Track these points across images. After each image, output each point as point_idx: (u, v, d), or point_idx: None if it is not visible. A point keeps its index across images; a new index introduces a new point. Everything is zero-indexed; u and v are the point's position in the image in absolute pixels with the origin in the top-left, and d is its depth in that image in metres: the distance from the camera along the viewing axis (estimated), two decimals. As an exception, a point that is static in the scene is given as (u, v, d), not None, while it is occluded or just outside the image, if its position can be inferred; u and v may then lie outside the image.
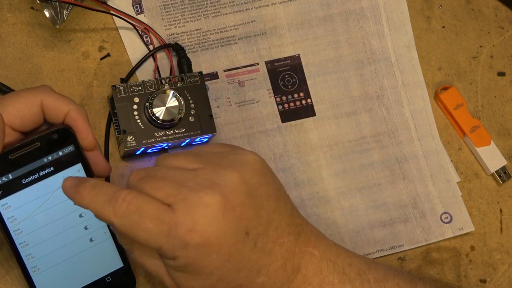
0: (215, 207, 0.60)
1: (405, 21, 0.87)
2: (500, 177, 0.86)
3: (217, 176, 0.62)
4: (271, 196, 0.64)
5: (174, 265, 0.62)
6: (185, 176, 0.62)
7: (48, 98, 0.67)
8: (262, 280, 0.63)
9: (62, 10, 0.77)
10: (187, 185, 0.61)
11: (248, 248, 0.62)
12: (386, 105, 0.85)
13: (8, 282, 0.73)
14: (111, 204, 0.60)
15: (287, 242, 0.64)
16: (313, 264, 0.66)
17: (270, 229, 0.63)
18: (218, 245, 0.61)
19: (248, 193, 0.62)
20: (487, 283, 0.83)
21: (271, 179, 0.65)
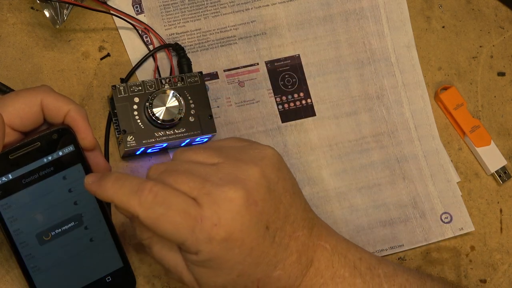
0: (239, 202, 0.61)
1: (405, 21, 0.87)
2: (500, 177, 0.86)
3: (239, 170, 0.62)
4: (288, 190, 0.65)
5: (196, 260, 0.62)
6: (207, 171, 0.62)
7: (48, 98, 0.67)
8: (278, 274, 0.64)
9: (62, 10, 0.77)
10: (210, 179, 0.61)
11: (267, 242, 0.63)
12: (386, 105, 0.85)
13: (8, 282, 0.73)
14: (137, 195, 0.60)
15: (301, 236, 0.65)
16: (325, 257, 0.66)
17: (287, 224, 0.64)
18: (241, 239, 0.61)
19: (268, 187, 0.63)
20: (487, 283, 0.83)
21: (287, 173, 0.66)
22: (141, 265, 0.76)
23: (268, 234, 0.63)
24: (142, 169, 0.78)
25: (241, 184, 0.61)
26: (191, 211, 0.60)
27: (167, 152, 0.79)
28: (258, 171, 0.62)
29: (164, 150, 0.79)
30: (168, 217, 0.60)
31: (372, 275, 0.67)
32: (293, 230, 0.65)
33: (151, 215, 0.60)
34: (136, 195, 0.60)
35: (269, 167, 0.64)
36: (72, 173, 0.69)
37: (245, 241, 0.61)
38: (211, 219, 0.60)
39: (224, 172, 0.62)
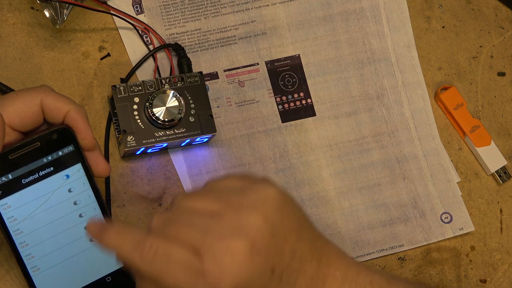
0: (242, 253, 0.60)
1: (405, 21, 0.87)
2: (500, 177, 0.86)
3: (240, 220, 0.61)
4: (293, 228, 0.64)
5: None
6: (209, 222, 0.61)
7: (48, 98, 0.67)
8: None
9: (62, 10, 0.77)
10: (211, 231, 0.60)
11: (274, 284, 0.62)
12: (386, 105, 0.85)
13: (8, 282, 0.73)
14: (138, 251, 0.60)
15: (309, 270, 0.64)
16: (335, 286, 0.65)
17: (294, 261, 0.63)
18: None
19: (272, 232, 0.62)
20: (487, 283, 0.83)
21: (291, 210, 0.64)
22: (141, 265, 0.76)
23: (274, 276, 0.62)
24: (142, 169, 0.78)
25: (243, 235, 0.60)
26: (193, 265, 0.60)
27: (167, 152, 0.79)
28: (260, 218, 0.61)
29: (164, 150, 0.79)
30: (169, 272, 0.60)
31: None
32: (301, 265, 0.64)
33: (153, 270, 0.60)
34: (137, 250, 0.60)
35: (272, 210, 0.62)
36: (72, 173, 0.69)
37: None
38: (213, 273, 0.59)
39: (225, 222, 0.61)
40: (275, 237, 0.62)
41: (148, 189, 0.78)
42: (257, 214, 0.62)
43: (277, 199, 0.63)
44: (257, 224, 0.61)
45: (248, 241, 0.60)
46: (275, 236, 0.62)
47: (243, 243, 0.60)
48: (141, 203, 0.78)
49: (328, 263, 0.66)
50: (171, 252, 0.60)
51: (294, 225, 0.64)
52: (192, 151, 0.80)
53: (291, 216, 0.64)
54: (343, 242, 0.81)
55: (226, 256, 0.60)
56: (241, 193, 0.63)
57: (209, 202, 0.63)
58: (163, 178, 0.79)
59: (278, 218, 0.63)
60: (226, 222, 0.61)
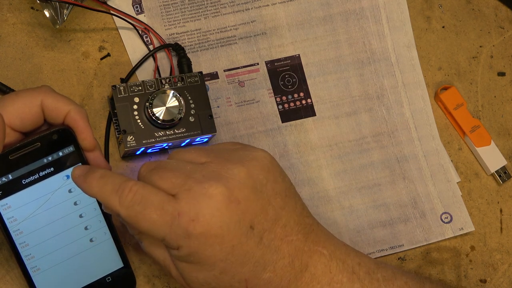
0: (218, 198, 0.61)
1: (405, 21, 0.87)
2: (500, 177, 0.86)
3: (224, 169, 0.63)
4: (278, 193, 0.65)
5: (178, 255, 0.63)
6: (193, 169, 0.63)
7: (48, 99, 0.67)
8: (268, 276, 0.64)
9: (62, 10, 0.77)
10: (193, 176, 0.62)
11: (252, 242, 0.63)
12: (386, 105, 0.85)
13: (8, 282, 0.73)
14: (117, 194, 0.62)
15: (295, 240, 0.65)
16: (322, 263, 0.66)
17: (278, 226, 0.64)
18: (220, 236, 0.61)
19: (254, 188, 0.63)
20: (487, 283, 0.83)
21: (279, 177, 0.66)
22: (141, 265, 0.76)
23: (253, 234, 0.63)
24: (142, 169, 0.78)
25: (223, 181, 0.62)
26: (168, 207, 0.61)
27: (167, 152, 0.79)
28: (243, 170, 0.63)
29: (164, 150, 0.79)
30: (145, 215, 0.61)
31: (371, 280, 0.67)
32: (285, 233, 0.65)
33: (130, 214, 0.62)
34: (117, 194, 0.62)
35: (258, 168, 0.64)
36: (72, 174, 0.69)
37: (225, 238, 0.62)
38: (188, 214, 0.61)
39: (209, 170, 0.63)
40: (257, 194, 0.63)
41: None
42: (241, 167, 0.63)
43: (264, 161, 0.65)
44: (239, 175, 0.63)
45: (226, 188, 0.62)
46: (258, 193, 0.63)
47: (221, 189, 0.62)
48: (141, 203, 0.78)
49: (316, 241, 0.67)
50: (148, 195, 0.62)
51: (280, 191, 0.65)
52: (192, 151, 0.80)
53: (278, 182, 0.65)
54: (343, 242, 0.81)
55: (203, 198, 0.61)
56: (232, 151, 0.66)
57: (199, 155, 0.65)
58: (163, 178, 0.79)
59: (263, 178, 0.64)
60: (209, 169, 0.63)
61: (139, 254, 0.76)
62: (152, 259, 0.67)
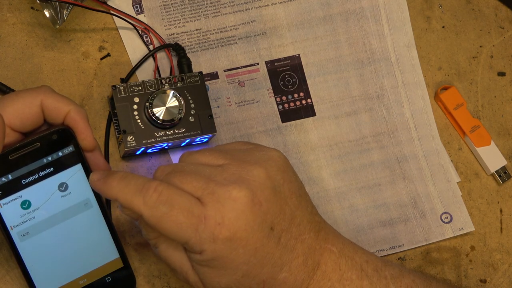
0: (243, 201, 0.61)
1: (405, 21, 0.87)
2: (500, 177, 0.86)
3: (244, 171, 0.63)
4: (294, 192, 0.65)
5: (200, 260, 0.62)
6: (213, 171, 0.63)
7: (48, 99, 0.67)
8: (284, 276, 0.64)
9: (62, 10, 0.77)
10: (215, 179, 0.62)
11: (272, 243, 0.63)
12: (386, 105, 0.85)
13: (8, 282, 0.73)
14: (141, 194, 0.61)
15: (308, 239, 0.65)
16: (332, 260, 0.67)
17: (293, 226, 0.64)
18: (245, 239, 0.61)
19: (274, 188, 0.63)
20: (487, 283, 0.83)
21: (293, 176, 0.66)
22: (141, 265, 0.76)
23: (273, 235, 0.63)
24: (142, 169, 0.78)
25: (245, 184, 0.62)
26: (195, 210, 0.61)
27: (167, 152, 0.79)
28: (263, 171, 0.63)
29: (164, 150, 0.79)
30: (172, 216, 0.61)
31: (379, 277, 0.68)
32: (299, 232, 0.65)
33: (155, 214, 0.61)
34: (140, 194, 0.61)
35: (274, 168, 0.64)
36: (72, 174, 0.69)
37: (249, 241, 0.62)
38: (214, 218, 0.60)
39: (230, 172, 0.62)
40: (276, 195, 0.63)
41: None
42: (260, 168, 0.63)
43: (280, 161, 0.65)
44: (260, 177, 0.63)
45: (250, 190, 0.62)
46: (277, 194, 0.63)
47: (244, 192, 0.61)
48: (141, 203, 0.78)
49: (325, 238, 0.67)
50: (174, 197, 0.61)
51: (295, 190, 0.65)
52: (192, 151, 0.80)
53: (292, 181, 0.65)
54: (343, 242, 0.81)
55: (228, 202, 0.61)
56: (247, 152, 0.65)
57: (215, 157, 0.65)
58: (163, 178, 0.79)
59: (280, 178, 0.64)
60: (230, 172, 0.63)
61: (139, 254, 0.76)
62: (167, 264, 0.65)
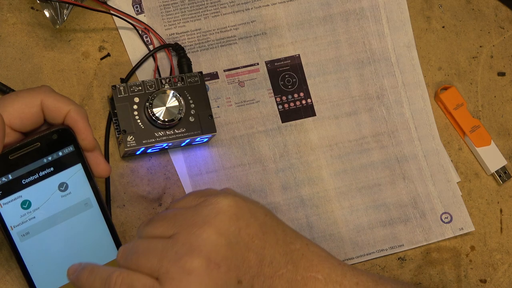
0: (198, 271, 0.60)
1: (405, 21, 0.87)
2: (500, 177, 0.86)
3: (193, 237, 0.62)
4: (255, 235, 0.64)
5: None
6: (164, 246, 0.62)
7: (48, 99, 0.67)
8: None
9: (62, 10, 0.77)
10: (167, 256, 0.61)
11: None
12: (386, 105, 0.85)
13: (8, 282, 0.73)
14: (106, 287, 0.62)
15: (286, 273, 0.64)
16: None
17: (264, 267, 0.63)
18: None
19: (229, 243, 0.62)
20: (487, 283, 0.83)
21: (251, 217, 0.64)
22: (141, 265, 0.76)
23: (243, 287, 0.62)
24: (142, 169, 0.78)
25: (196, 252, 0.61)
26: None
27: (167, 152, 0.79)
28: (212, 232, 0.62)
29: (164, 150, 0.79)
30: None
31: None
32: (274, 270, 0.64)
33: None
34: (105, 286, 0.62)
35: (225, 221, 0.63)
36: (71, 174, 0.69)
37: None
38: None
39: (179, 244, 0.62)
40: (233, 248, 0.62)
41: (148, 189, 0.78)
42: (209, 229, 0.62)
43: (230, 210, 0.63)
44: (210, 239, 0.61)
45: (202, 257, 0.61)
46: (234, 246, 0.62)
47: (197, 261, 0.60)
48: (141, 203, 0.78)
49: (308, 267, 0.66)
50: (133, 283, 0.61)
51: (255, 232, 0.64)
52: (192, 151, 0.80)
53: (250, 224, 0.64)
54: (343, 242, 0.81)
55: (183, 277, 0.60)
56: (195, 211, 0.64)
57: (165, 227, 0.64)
58: (163, 178, 0.79)
59: (234, 228, 0.63)
60: (180, 243, 0.62)
61: (139, 254, 0.76)
62: None
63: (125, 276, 0.62)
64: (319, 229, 0.81)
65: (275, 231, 0.65)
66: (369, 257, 0.81)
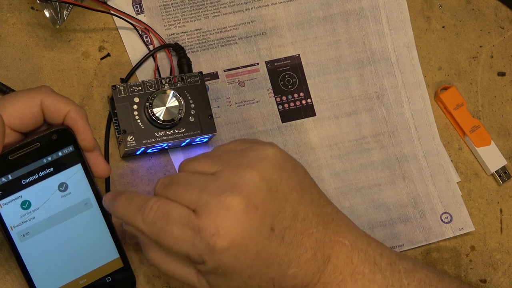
0: (236, 209, 0.61)
1: (405, 21, 0.87)
2: (500, 177, 0.86)
3: (237, 177, 0.63)
4: (294, 188, 0.65)
5: (204, 269, 0.63)
6: (206, 180, 0.63)
7: (48, 99, 0.67)
8: (293, 272, 0.64)
9: (62, 10, 0.77)
10: (208, 189, 0.62)
11: (275, 243, 0.63)
12: (386, 105, 0.85)
13: (8, 282, 0.73)
14: (140, 212, 0.63)
15: (315, 233, 0.65)
16: (344, 253, 0.66)
17: (297, 222, 0.64)
18: (244, 246, 0.62)
19: (269, 189, 0.63)
20: (487, 283, 0.83)
21: (293, 171, 0.66)
22: (141, 265, 0.76)
23: (275, 235, 0.63)
24: (142, 169, 0.78)
25: (238, 191, 0.62)
26: (190, 223, 0.62)
27: (167, 152, 0.79)
28: (256, 175, 0.63)
29: (164, 150, 0.79)
30: (168, 231, 0.62)
31: (392, 271, 0.67)
32: (305, 227, 0.65)
33: (153, 231, 0.63)
34: (139, 212, 0.63)
35: (269, 168, 0.64)
36: (71, 174, 0.69)
37: (249, 246, 0.62)
38: (209, 229, 0.61)
39: (223, 180, 0.63)
40: (273, 195, 0.63)
41: (148, 189, 0.78)
42: (253, 171, 0.63)
43: (275, 159, 0.65)
44: (253, 181, 0.62)
45: (243, 197, 0.62)
46: (274, 193, 0.63)
47: (238, 199, 0.61)
48: (141, 203, 0.78)
49: (336, 231, 0.67)
50: (169, 211, 0.62)
51: (295, 185, 0.65)
52: (192, 151, 0.80)
53: (292, 177, 0.65)
54: (343, 242, 0.81)
55: (221, 211, 0.61)
56: (241, 154, 0.65)
57: (209, 164, 0.65)
58: (163, 178, 0.79)
59: (277, 176, 0.64)
60: (223, 180, 0.63)
61: (139, 254, 0.76)
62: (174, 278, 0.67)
63: (161, 203, 0.63)
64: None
65: (311, 191, 0.67)
66: (369, 257, 0.81)
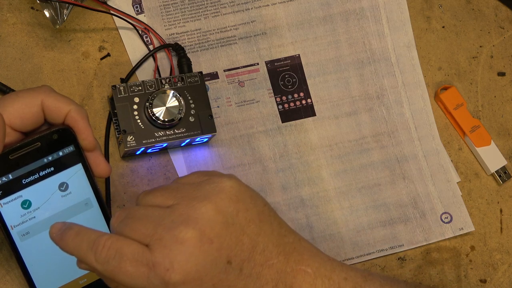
0: (190, 242, 0.60)
1: (405, 21, 0.87)
2: (500, 177, 0.86)
3: (191, 210, 0.62)
4: (252, 220, 0.64)
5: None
6: (161, 214, 0.62)
7: (49, 99, 0.67)
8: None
9: (62, 10, 0.77)
10: (162, 223, 0.61)
11: (232, 276, 0.62)
12: (386, 105, 0.85)
13: (8, 282, 0.73)
14: (92, 251, 0.61)
15: (276, 263, 0.64)
16: (307, 282, 0.65)
17: (256, 253, 0.63)
18: (199, 279, 0.61)
19: (225, 222, 0.62)
20: (487, 283, 0.83)
21: (251, 202, 0.65)
22: (141, 265, 0.76)
23: (232, 268, 0.62)
24: (142, 169, 0.78)
25: (192, 224, 0.61)
26: (143, 259, 0.60)
27: (167, 152, 0.79)
28: (211, 207, 0.62)
29: (164, 150, 0.79)
30: (122, 268, 0.61)
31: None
32: (265, 258, 0.64)
33: (107, 269, 0.61)
34: (92, 251, 0.61)
35: (225, 200, 0.63)
36: (72, 174, 0.69)
37: (204, 280, 0.61)
38: (163, 264, 0.60)
39: (177, 214, 0.62)
40: (229, 227, 0.62)
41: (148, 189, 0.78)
42: (209, 204, 0.62)
43: (232, 191, 0.64)
44: (208, 214, 0.62)
45: (197, 230, 0.61)
46: (230, 226, 0.62)
47: (191, 232, 0.61)
48: (141, 203, 0.78)
49: (298, 260, 0.66)
50: (122, 249, 0.61)
51: (253, 217, 0.64)
52: (192, 151, 0.80)
53: (249, 208, 0.64)
54: (343, 242, 0.81)
55: (175, 245, 0.60)
56: (198, 187, 0.64)
57: (166, 198, 0.64)
58: (163, 178, 0.79)
59: (233, 209, 0.63)
60: (178, 213, 0.62)
61: (139, 254, 0.76)
62: None
63: (114, 241, 0.61)
64: (319, 229, 0.81)
65: (271, 221, 0.66)
66: (369, 257, 0.81)
